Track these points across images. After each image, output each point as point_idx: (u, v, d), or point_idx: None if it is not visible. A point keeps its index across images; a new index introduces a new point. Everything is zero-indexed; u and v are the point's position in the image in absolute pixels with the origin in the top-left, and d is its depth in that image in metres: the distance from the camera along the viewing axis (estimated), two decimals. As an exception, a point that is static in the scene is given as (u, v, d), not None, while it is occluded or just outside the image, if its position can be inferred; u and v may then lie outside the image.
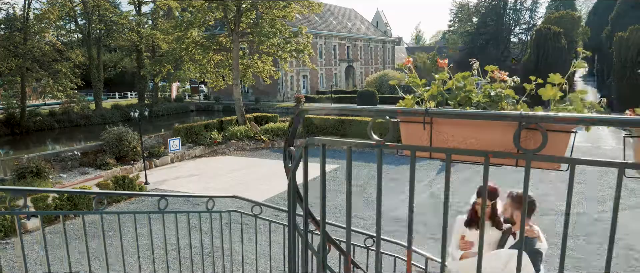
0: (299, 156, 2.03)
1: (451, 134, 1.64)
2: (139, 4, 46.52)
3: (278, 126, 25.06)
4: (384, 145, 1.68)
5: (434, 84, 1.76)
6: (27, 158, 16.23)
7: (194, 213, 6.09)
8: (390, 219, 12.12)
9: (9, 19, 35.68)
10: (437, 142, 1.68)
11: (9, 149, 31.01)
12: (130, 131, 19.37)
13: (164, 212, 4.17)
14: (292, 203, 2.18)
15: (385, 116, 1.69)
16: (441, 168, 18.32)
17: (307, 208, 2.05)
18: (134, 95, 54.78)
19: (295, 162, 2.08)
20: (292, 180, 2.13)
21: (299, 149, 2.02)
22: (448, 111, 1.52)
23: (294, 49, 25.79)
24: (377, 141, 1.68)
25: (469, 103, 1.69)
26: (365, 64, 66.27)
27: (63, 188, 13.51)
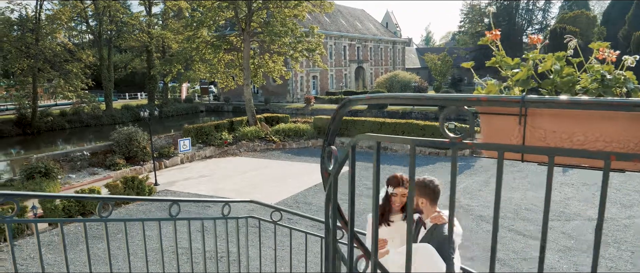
0: (343, 157, 1.65)
1: (552, 129, 1.26)
2: (149, 4, 46.43)
3: (289, 126, 24.71)
4: (461, 144, 1.31)
5: (523, 66, 1.38)
6: (36, 158, 16.02)
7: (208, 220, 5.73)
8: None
9: (22, 20, 35.70)
10: (532, 140, 1.29)
11: (20, 149, 30.99)
12: (140, 131, 19.12)
13: (175, 219, 3.79)
14: (333, 214, 1.81)
15: (463, 105, 1.32)
16: (459, 171, 17.88)
17: (352, 229, 1.68)
18: (144, 96, 54.74)
19: (338, 165, 1.71)
20: (333, 186, 1.76)
21: (344, 150, 1.65)
22: (559, 100, 1.13)
23: (306, 48, 25.45)
24: (453, 138, 1.31)
25: (572, 90, 1.31)
26: (375, 65, 65.80)
27: (62, 193, 13.27)
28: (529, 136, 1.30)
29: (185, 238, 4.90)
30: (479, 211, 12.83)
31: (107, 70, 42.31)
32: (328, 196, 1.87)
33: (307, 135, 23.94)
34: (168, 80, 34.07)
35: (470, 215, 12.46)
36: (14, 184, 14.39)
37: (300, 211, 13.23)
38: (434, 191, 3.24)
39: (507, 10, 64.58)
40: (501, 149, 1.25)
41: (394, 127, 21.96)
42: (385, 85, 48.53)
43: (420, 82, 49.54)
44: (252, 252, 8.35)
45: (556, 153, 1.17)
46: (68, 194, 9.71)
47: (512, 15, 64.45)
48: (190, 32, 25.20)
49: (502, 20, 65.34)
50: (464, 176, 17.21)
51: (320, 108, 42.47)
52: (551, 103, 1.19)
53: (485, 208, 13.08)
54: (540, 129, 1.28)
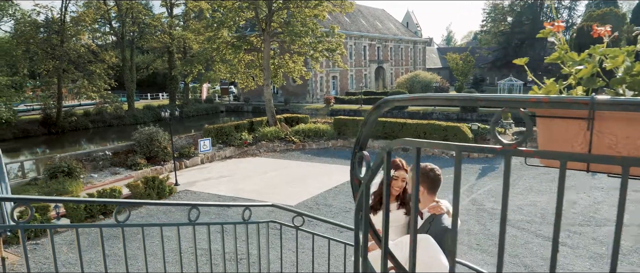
0: (377, 163, 1.49)
1: (625, 135, 1.07)
2: (171, 6, 46.86)
3: (309, 127, 24.58)
4: (514, 151, 1.14)
5: (588, 62, 1.19)
6: (59, 158, 16.20)
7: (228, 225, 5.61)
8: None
9: (48, 22, 36.34)
10: (600, 148, 1.11)
11: (45, 149, 31.51)
12: (161, 131, 19.21)
13: (195, 224, 3.66)
14: (365, 227, 1.64)
15: (519, 107, 1.14)
16: (481, 173, 17.54)
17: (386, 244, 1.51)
18: (165, 96, 55.27)
19: (371, 171, 1.55)
20: (365, 196, 1.59)
21: (378, 155, 1.48)
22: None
23: (326, 48, 25.30)
24: (506, 144, 1.14)
25: (646, 89, 1.12)
26: (396, 65, 65.30)
27: (74, 198, 13.33)
28: (595, 143, 1.12)
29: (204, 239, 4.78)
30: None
31: (130, 71, 42.84)
32: (359, 207, 1.70)
33: (327, 136, 23.78)
34: (189, 80, 34.31)
35: (495, 219, 12.14)
36: (38, 183, 14.55)
37: (321, 213, 13.09)
38: (434, 179, 3.09)
39: (531, 9, 63.39)
40: (564, 158, 1.07)
41: (416, 128, 21.65)
42: (405, 85, 48.08)
43: (441, 83, 48.98)
44: (273, 255, 8.23)
45: (633, 163, 0.99)
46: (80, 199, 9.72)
47: (536, 14, 63.22)
48: (211, 33, 25.29)
49: (526, 19, 64.21)
50: (487, 178, 16.85)
51: (340, 108, 42.28)
52: (629, 104, 1.00)
53: (512, 212, 12.73)
54: (611, 135, 1.10)
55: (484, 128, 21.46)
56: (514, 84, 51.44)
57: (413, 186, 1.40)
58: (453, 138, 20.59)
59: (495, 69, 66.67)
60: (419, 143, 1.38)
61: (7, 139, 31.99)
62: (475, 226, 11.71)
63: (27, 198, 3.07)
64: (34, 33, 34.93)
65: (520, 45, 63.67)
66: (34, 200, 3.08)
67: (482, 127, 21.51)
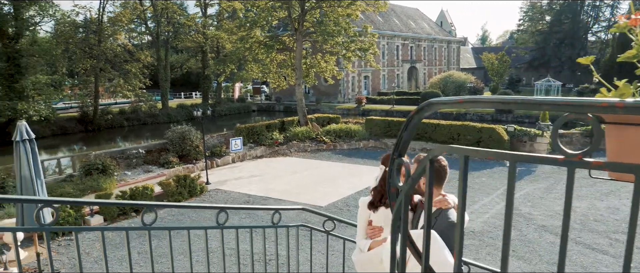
0: (419, 172, 1.32)
1: None
2: (205, 6, 47.48)
3: (340, 127, 24.40)
4: (579, 163, 0.95)
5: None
6: (94, 155, 16.52)
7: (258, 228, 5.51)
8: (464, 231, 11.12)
9: (86, 22, 37.32)
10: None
11: (82, 146, 32.35)
12: (193, 130, 19.39)
13: (223, 227, 3.55)
14: (403, 241, 1.48)
15: (586, 112, 0.96)
16: (518, 176, 17.00)
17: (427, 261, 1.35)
18: (199, 95, 56.04)
19: (412, 180, 1.38)
20: (404, 206, 1.42)
21: (421, 163, 1.31)
22: None
23: (359, 48, 25.08)
24: (570, 155, 0.96)
25: None
26: (429, 65, 64.44)
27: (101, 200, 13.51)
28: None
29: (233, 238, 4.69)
30: (541, 221, 12.04)
31: (164, 70, 43.59)
32: (396, 217, 1.54)
33: (359, 136, 23.55)
34: (222, 80, 34.67)
35: (531, 225, 11.71)
36: (73, 180, 14.86)
37: (351, 215, 12.88)
38: (439, 171, 2.94)
39: (570, 7, 61.44)
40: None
41: (449, 129, 21.21)
42: (439, 85, 47.37)
43: (476, 83, 48.02)
44: (302, 256, 8.11)
45: None
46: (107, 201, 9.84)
47: (576, 12, 61.24)
48: (244, 32, 25.42)
49: (565, 18, 62.31)
50: (524, 182, 16.32)
51: (371, 108, 41.95)
52: None
53: (549, 217, 12.27)
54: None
55: (520, 129, 20.82)
56: (552, 85, 49.97)
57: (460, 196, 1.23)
58: (488, 140, 20.06)
59: (532, 69, 64.99)
60: (468, 151, 1.21)
61: (46, 137, 32.97)
62: (511, 231, 11.32)
63: (50, 200, 3.01)
64: (73, 33, 35.92)
65: (559, 44, 61.83)
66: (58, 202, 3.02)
67: (519, 129, 20.87)
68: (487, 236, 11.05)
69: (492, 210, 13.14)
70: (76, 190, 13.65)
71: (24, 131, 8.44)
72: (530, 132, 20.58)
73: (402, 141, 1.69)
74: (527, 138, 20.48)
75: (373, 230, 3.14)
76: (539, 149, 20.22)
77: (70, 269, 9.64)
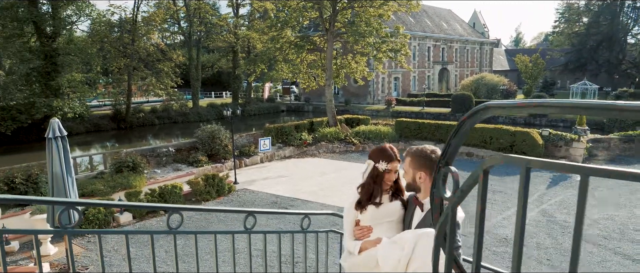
0: (470, 183, 1.13)
1: None
2: (237, 6, 47.84)
3: (369, 128, 24.13)
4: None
5: None
6: (125, 153, 16.72)
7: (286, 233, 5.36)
8: (497, 238, 10.75)
9: (121, 22, 38.07)
10: None
11: (114, 143, 32.99)
12: (222, 129, 19.44)
13: (250, 232, 3.40)
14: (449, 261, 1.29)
15: None
16: (552, 182, 16.43)
17: None
18: (229, 94, 56.51)
19: (461, 192, 1.19)
20: (451, 222, 1.24)
21: (473, 174, 1.12)
22: None
23: (390, 49, 24.75)
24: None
25: None
26: (460, 67, 63.40)
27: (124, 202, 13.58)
28: None
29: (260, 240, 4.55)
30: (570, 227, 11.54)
31: (195, 69, 44.09)
32: (440, 235, 1.35)
33: (388, 138, 23.22)
34: (252, 79, 34.81)
35: (567, 233, 11.24)
36: (104, 177, 15.06)
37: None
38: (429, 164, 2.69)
39: (609, 9, 59.47)
40: None
41: (481, 132, 20.69)
42: (470, 88, 46.49)
43: (509, 85, 46.94)
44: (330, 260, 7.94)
45: None
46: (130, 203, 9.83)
47: (616, 13, 59.24)
48: (275, 33, 25.41)
49: (604, 20, 60.35)
50: (559, 188, 15.75)
51: (401, 110, 41.53)
52: None
53: (586, 226, 11.75)
54: None
55: (555, 134, 20.15)
56: (588, 89, 48.51)
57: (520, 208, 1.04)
58: (522, 144, 19.48)
59: (567, 72, 63.17)
60: (530, 161, 1.01)
61: (80, 133, 33.74)
62: (546, 239, 10.88)
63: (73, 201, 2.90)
64: (108, 32, 36.64)
65: (597, 47, 59.93)
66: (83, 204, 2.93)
67: (554, 133, 20.20)
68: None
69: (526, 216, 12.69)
70: (106, 187, 13.81)
71: (57, 128, 8.51)
72: (566, 136, 19.91)
73: (450, 147, 1.49)
74: (562, 142, 19.81)
75: (361, 231, 2.89)
76: (575, 155, 19.53)
77: (98, 266, 9.70)
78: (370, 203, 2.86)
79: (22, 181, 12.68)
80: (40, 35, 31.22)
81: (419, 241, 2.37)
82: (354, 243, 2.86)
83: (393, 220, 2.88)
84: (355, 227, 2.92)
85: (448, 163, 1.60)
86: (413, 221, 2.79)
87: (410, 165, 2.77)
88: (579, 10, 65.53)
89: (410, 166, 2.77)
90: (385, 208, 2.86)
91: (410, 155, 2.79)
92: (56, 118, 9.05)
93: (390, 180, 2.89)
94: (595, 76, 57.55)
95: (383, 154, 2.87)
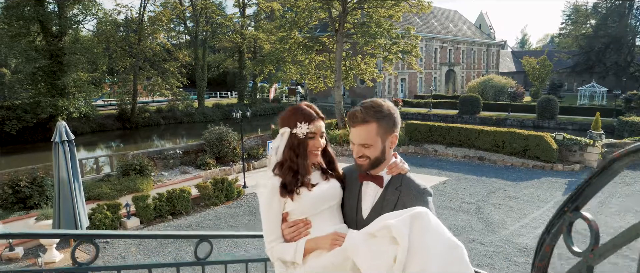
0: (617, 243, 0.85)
1: None
2: (243, 6, 47.57)
3: (378, 131, 23.76)
4: None
5: None
6: (132, 155, 16.42)
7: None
8: (518, 248, 10.38)
9: (127, 21, 37.84)
10: None
11: (120, 143, 32.74)
12: (230, 131, 19.13)
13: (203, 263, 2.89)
14: None
15: None
16: (568, 187, 16.04)
17: None
18: (234, 95, 56.23)
19: (613, 246, 0.92)
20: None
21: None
22: None
23: (401, 50, 24.39)
24: None
25: None
26: (467, 68, 62.94)
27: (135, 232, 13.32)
28: None
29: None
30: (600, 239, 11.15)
31: (201, 69, 43.83)
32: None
33: (399, 141, 22.85)
34: (259, 80, 34.54)
35: (590, 243, 10.84)
36: (110, 179, 14.76)
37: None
38: (396, 121, 2.04)
39: (617, 11, 58.93)
40: None
41: (494, 136, 20.31)
42: (477, 90, 46.09)
43: (516, 88, 46.50)
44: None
45: None
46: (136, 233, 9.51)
47: (624, 15, 58.70)
48: (283, 33, 25.10)
49: (611, 22, 59.81)
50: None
51: (408, 111, 41.24)
52: None
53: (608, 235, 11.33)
54: None
55: (570, 138, 19.74)
56: (597, 91, 48.04)
57: None
58: (535, 148, 19.09)
59: (574, 74, 62.64)
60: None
61: (85, 133, 33.49)
62: (566, 249, 10.49)
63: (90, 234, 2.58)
64: (114, 32, 36.42)
65: (605, 49, 59.36)
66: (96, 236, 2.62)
67: (568, 137, 19.79)
68: (541, 254, 10.26)
69: (544, 224, 12.29)
70: (113, 190, 13.52)
71: (64, 132, 8.22)
72: (580, 141, 19.50)
73: (589, 188, 1.17)
74: (577, 147, 19.40)
75: (295, 228, 2.00)
76: (590, 160, 19.13)
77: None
78: (300, 186, 2.00)
79: (27, 184, 12.40)
80: (46, 34, 31.01)
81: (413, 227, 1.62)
82: (293, 247, 1.96)
83: (333, 204, 2.07)
84: (283, 224, 2.04)
85: (578, 208, 1.27)
86: (363, 203, 2.05)
87: (378, 131, 1.97)
88: (587, 12, 65.03)
89: (376, 133, 1.97)
90: (321, 190, 2.04)
91: (372, 117, 1.97)
92: (62, 120, 8.77)
93: (317, 148, 2.09)
94: (603, 79, 57.05)
95: (299, 114, 2.05)
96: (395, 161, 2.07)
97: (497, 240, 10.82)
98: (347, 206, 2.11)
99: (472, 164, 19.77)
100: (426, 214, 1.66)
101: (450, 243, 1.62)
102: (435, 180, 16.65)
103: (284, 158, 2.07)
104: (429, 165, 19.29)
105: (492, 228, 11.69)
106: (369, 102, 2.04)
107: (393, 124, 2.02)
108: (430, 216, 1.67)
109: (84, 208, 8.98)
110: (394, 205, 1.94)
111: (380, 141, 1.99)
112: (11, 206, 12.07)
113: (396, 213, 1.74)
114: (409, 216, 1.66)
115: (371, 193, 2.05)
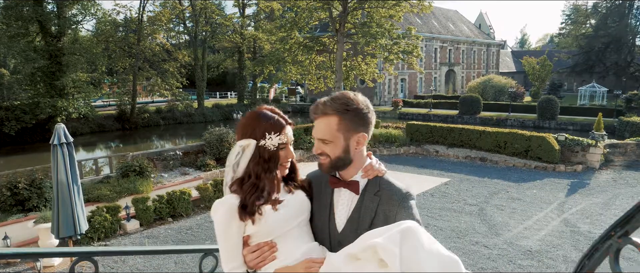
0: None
1: None
2: (243, 6, 47.46)
3: (380, 132, 23.61)
4: None
5: None
6: (132, 156, 16.28)
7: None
8: (522, 251, 10.25)
9: (126, 21, 37.73)
10: None
11: (119, 144, 32.62)
12: (230, 132, 19.01)
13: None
14: None
15: None
16: (570, 189, 15.93)
17: None
18: (233, 95, 56.12)
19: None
20: None
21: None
22: None
23: (402, 50, 24.30)
24: None
25: None
26: (467, 68, 62.87)
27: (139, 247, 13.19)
28: None
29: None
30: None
31: (201, 70, 43.72)
32: None
33: (399, 141, 22.70)
34: (259, 80, 34.45)
35: (594, 245, 10.72)
36: (110, 181, 14.62)
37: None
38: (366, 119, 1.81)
39: (617, 11, 58.88)
40: None
41: (495, 137, 20.19)
42: (477, 90, 46.04)
43: (516, 88, 46.43)
44: None
45: None
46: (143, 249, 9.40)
47: (624, 15, 58.66)
48: (284, 33, 25.01)
49: (611, 22, 59.77)
50: (578, 196, 15.23)
51: (408, 111, 41.16)
52: None
53: (613, 237, 11.24)
54: None
55: (572, 139, 19.63)
56: (597, 91, 47.97)
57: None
58: (537, 149, 18.98)
59: (574, 74, 62.61)
60: None
61: (85, 134, 33.35)
62: (571, 252, 10.38)
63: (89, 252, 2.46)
64: (113, 32, 36.31)
65: (605, 49, 59.31)
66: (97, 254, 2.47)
67: (570, 138, 19.67)
68: (545, 256, 10.15)
69: (548, 226, 12.19)
70: (112, 192, 13.39)
71: (62, 135, 8.10)
72: (583, 141, 19.38)
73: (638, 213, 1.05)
74: (579, 147, 19.28)
75: (259, 253, 1.73)
76: (592, 160, 19.01)
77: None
78: (263, 203, 1.73)
79: (25, 186, 12.26)
80: (45, 34, 30.88)
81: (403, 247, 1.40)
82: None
83: (302, 219, 1.81)
84: (245, 249, 1.75)
85: (628, 233, 1.14)
86: (337, 214, 1.79)
87: (339, 126, 1.74)
88: (587, 11, 65.00)
89: (337, 128, 1.74)
90: (288, 207, 1.77)
91: (334, 110, 1.75)
92: (61, 123, 8.65)
93: (288, 160, 1.83)
94: (603, 79, 57.03)
95: (266, 123, 1.78)
96: (370, 162, 1.82)
97: (501, 243, 10.70)
98: (317, 220, 1.83)
99: (473, 165, 19.65)
100: (417, 230, 1.46)
101: (445, 261, 1.42)
102: (437, 181, 16.53)
103: (246, 174, 1.77)
104: (430, 166, 19.17)
105: (496, 230, 11.57)
106: (338, 94, 1.82)
107: (361, 122, 1.77)
108: (421, 233, 1.46)
109: (83, 212, 8.86)
110: (373, 212, 1.70)
111: (342, 139, 1.74)
112: (10, 209, 11.93)
113: (381, 230, 1.51)
114: (398, 232, 1.43)
115: (345, 202, 1.79)
